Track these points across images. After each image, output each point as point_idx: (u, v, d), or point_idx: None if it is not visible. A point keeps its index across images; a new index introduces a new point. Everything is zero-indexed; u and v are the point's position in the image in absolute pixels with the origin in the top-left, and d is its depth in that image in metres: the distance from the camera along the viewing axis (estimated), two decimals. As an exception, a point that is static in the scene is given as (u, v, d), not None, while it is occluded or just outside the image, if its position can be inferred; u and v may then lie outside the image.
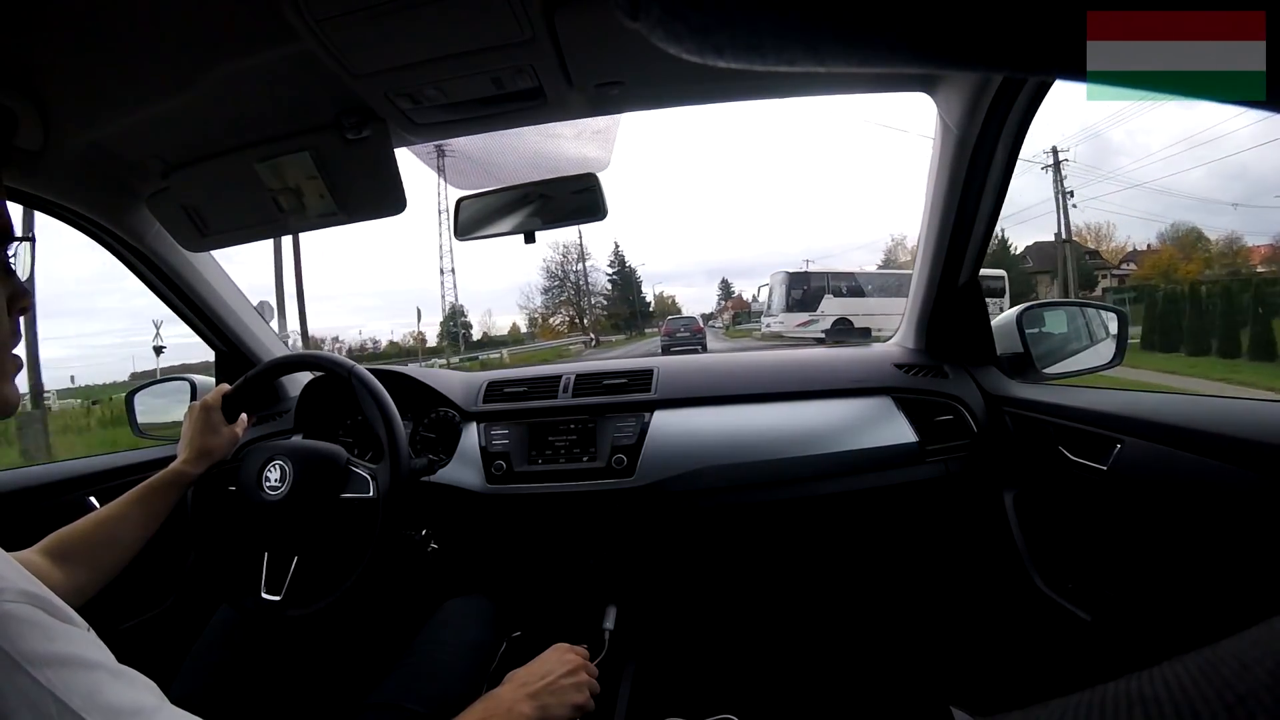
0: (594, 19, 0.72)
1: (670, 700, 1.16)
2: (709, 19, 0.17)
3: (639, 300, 43.92)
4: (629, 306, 42.69)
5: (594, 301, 42.49)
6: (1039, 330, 1.21)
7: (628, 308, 42.64)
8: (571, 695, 0.72)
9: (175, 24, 0.68)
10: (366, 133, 0.90)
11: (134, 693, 0.40)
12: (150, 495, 0.79)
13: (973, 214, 1.05)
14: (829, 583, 1.28)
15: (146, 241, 1.11)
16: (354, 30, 0.70)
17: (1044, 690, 0.19)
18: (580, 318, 40.82)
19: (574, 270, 41.28)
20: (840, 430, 1.10)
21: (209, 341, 1.34)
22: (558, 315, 42.15)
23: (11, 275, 0.51)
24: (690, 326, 19.64)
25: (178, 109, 0.83)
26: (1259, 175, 31.73)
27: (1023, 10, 0.15)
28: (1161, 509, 0.77)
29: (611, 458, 1.11)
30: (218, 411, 0.90)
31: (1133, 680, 0.16)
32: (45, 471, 1.09)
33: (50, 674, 0.36)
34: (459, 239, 1.15)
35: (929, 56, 0.16)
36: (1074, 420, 0.92)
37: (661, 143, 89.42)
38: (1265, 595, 0.63)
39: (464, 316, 41.95)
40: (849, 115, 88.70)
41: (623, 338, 38.28)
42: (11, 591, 0.39)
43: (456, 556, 1.13)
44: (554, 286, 41.67)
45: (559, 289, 41.83)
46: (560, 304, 42.07)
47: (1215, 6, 0.15)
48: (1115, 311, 1.17)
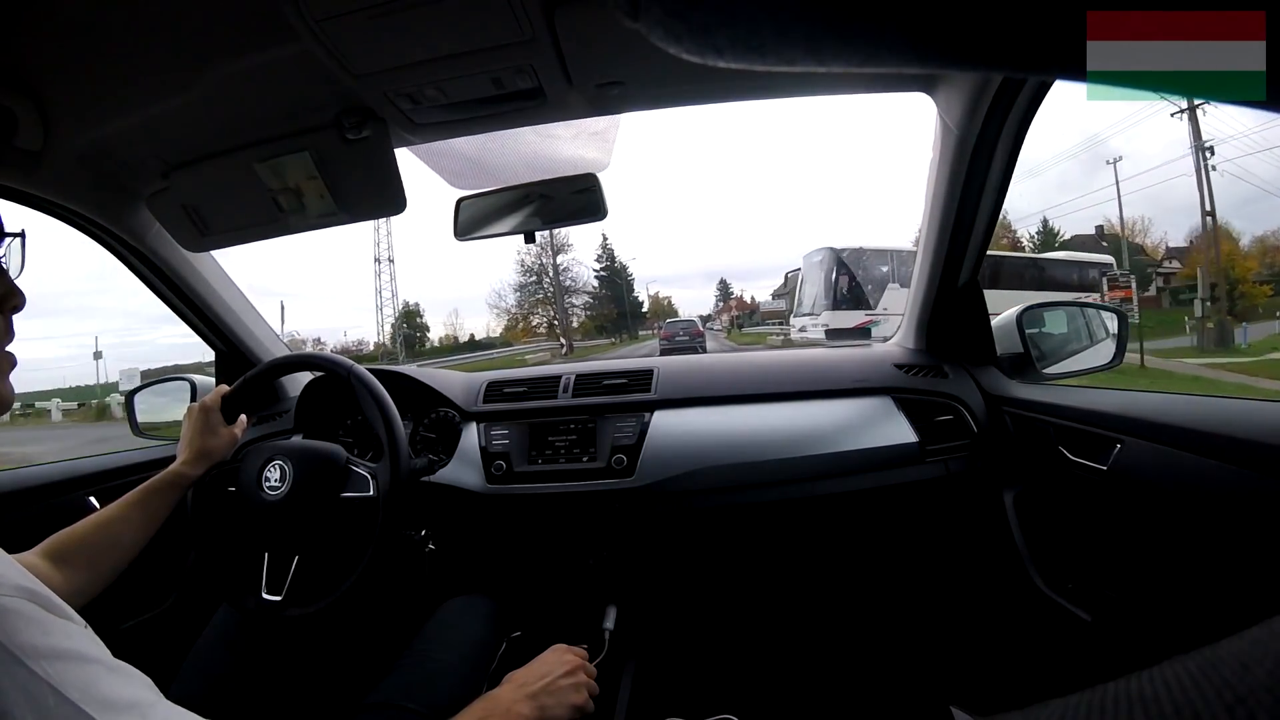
0: (594, 19, 0.72)
1: (670, 700, 1.16)
2: (709, 19, 0.17)
3: (629, 300, 40.01)
4: (617, 307, 38.91)
5: (581, 301, 38.32)
6: (1039, 330, 1.21)
7: (615, 308, 38.72)
8: (570, 696, 0.72)
9: (175, 24, 0.68)
10: (366, 133, 0.90)
11: (131, 687, 0.40)
12: (150, 497, 0.80)
13: (973, 214, 1.05)
14: (829, 583, 1.28)
15: (146, 241, 1.11)
16: (354, 30, 0.70)
17: (1044, 690, 0.19)
18: (556, 319, 36.50)
19: (551, 264, 36.33)
20: (840, 430, 1.10)
21: (209, 341, 1.34)
22: (537, 315, 37.51)
23: (4, 274, 0.51)
24: (689, 330, 19.28)
25: (178, 109, 0.83)
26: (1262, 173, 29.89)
27: (1023, 10, 0.15)
28: (1161, 509, 0.77)
29: (611, 458, 1.11)
30: (216, 413, 0.90)
31: (1133, 680, 0.16)
32: (45, 472, 1.09)
33: (47, 666, 0.36)
34: (459, 239, 1.15)
35: (929, 56, 0.16)
36: (1074, 420, 0.92)
37: (658, 143, 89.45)
38: (1265, 595, 0.63)
39: (420, 317, 38.84)
40: (848, 115, 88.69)
41: (608, 342, 34.94)
42: (8, 586, 0.39)
43: (457, 557, 1.13)
44: (530, 283, 37.04)
45: (535, 285, 37.16)
46: (537, 303, 37.60)
47: (1215, 6, 0.15)
48: (1115, 311, 1.17)
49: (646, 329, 37.99)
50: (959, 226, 1.07)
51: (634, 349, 25.90)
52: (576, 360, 3.85)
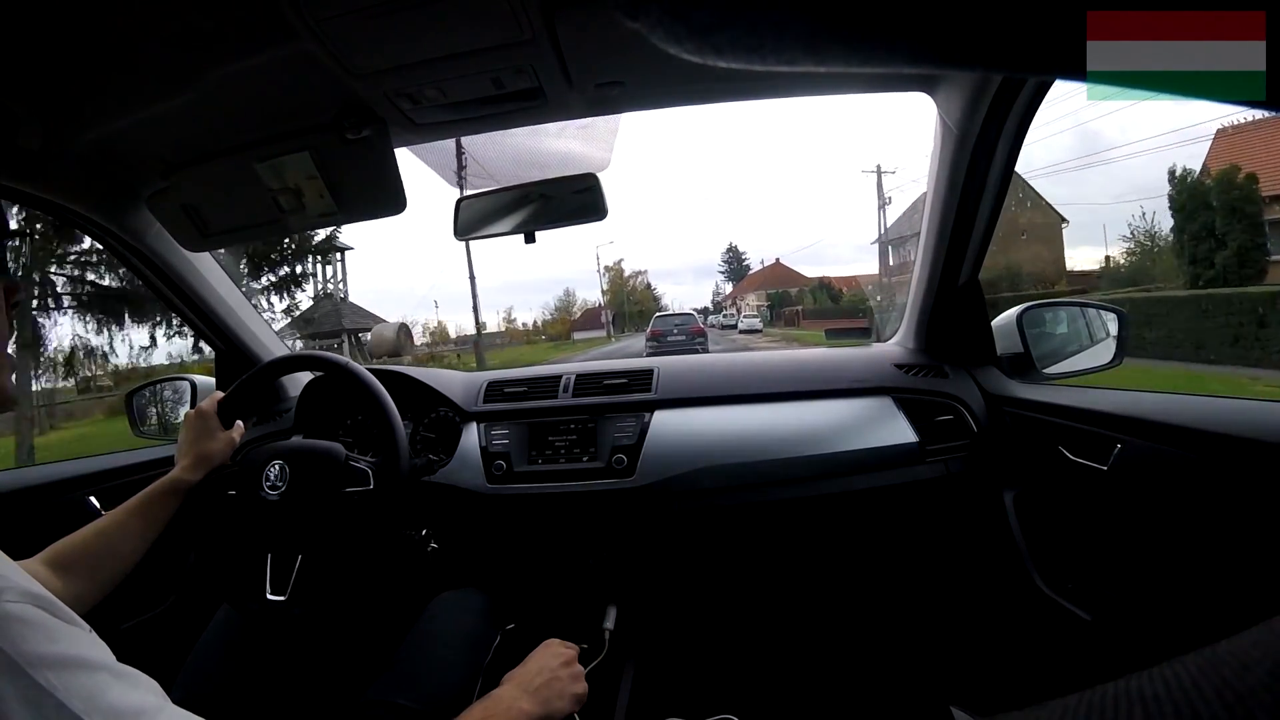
0: (594, 19, 0.72)
1: (670, 700, 1.16)
2: (709, 19, 0.17)
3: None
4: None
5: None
6: (1039, 330, 1.21)
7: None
8: (571, 686, 0.72)
9: (175, 24, 0.68)
10: (366, 132, 0.90)
11: (136, 694, 0.40)
12: (149, 505, 0.79)
13: (973, 214, 1.05)
14: (829, 582, 1.28)
15: (146, 241, 1.11)
16: (354, 30, 0.70)
17: (1044, 690, 0.19)
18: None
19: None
20: (840, 430, 1.10)
21: (209, 341, 1.34)
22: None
23: (5, 271, 0.52)
24: (686, 327, 15.30)
25: (178, 109, 0.83)
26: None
27: (1023, 10, 0.15)
28: (1162, 509, 0.77)
29: (611, 458, 1.11)
30: (214, 417, 0.90)
31: (1133, 680, 0.16)
32: (45, 472, 1.09)
33: (51, 675, 0.36)
34: (459, 239, 1.15)
35: (929, 56, 0.16)
36: (1074, 420, 0.92)
37: (654, 142, 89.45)
38: (1265, 595, 0.63)
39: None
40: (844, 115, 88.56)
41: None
42: (13, 591, 0.39)
43: (457, 556, 1.13)
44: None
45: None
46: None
47: (1215, 6, 0.15)
48: (1115, 311, 1.17)
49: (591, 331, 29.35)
50: (959, 226, 1.07)
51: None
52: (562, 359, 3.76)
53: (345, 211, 1.02)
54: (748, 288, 34.24)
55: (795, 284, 33.83)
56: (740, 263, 39.68)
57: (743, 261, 39.33)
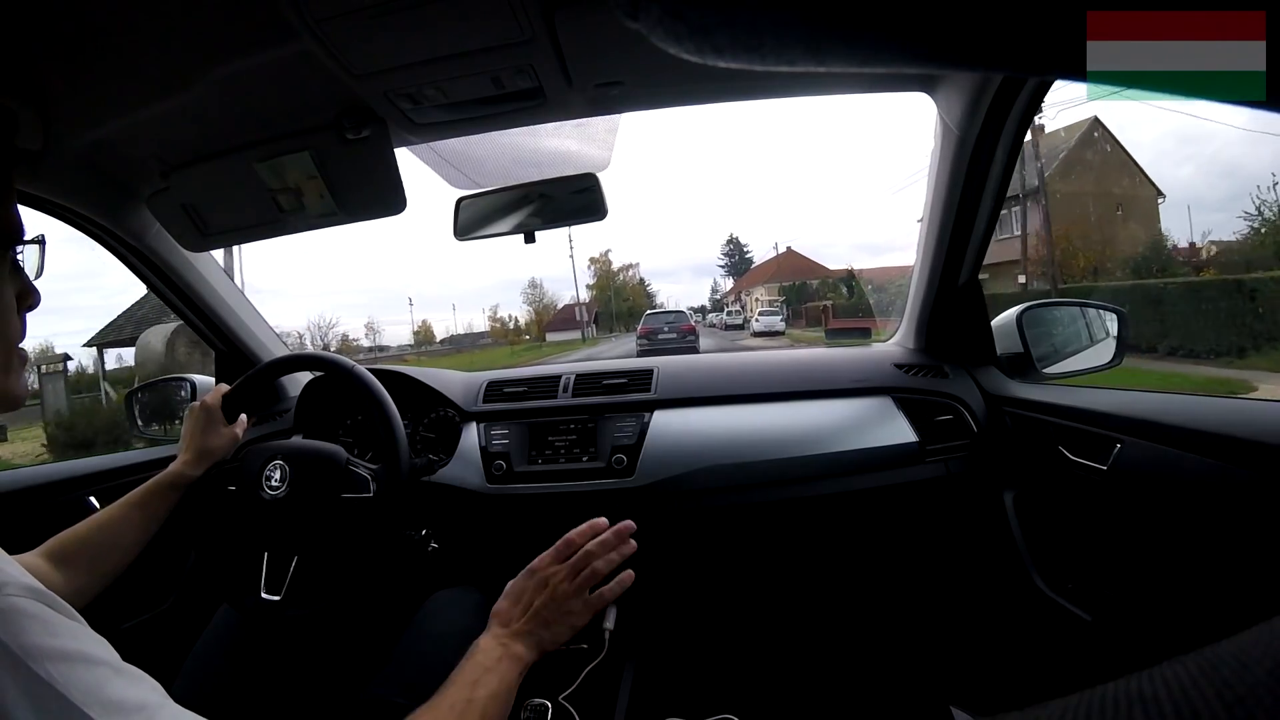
0: (594, 19, 0.72)
1: (670, 700, 1.16)
2: (709, 19, 0.17)
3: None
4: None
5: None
6: (1039, 330, 1.21)
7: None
8: (564, 617, 0.68)
9: (175, 24, 0.68)
10: (366, 133, 0.90)
11: (137, 689, 0.40)
12: (149, 498, 0.80)
13: (973, 214, 1.05)
14: (829, 582, 1.28)
15: (146, 241, 1.11)
16: (354, 30, 0.70)
17: (1044, 690, 0.19)
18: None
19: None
20: (840, 430, 1.10)
21: (209, 341, 1.34)
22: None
23: (20, 273, 0.52)
24: (677, 325, 15.64)
25: (178, 109, 0.83)
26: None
27: (1023, 10, 0.15)
28: (1161, 509, 0.77)
29: (611, 458, 1.11)
30: (217, 412, 0.90)
31: (1133, 680, 0.16)
32: (45, 471, 1.09)
33: (52, 669, 0.36)
34: (459, 239, 1.15)
35: (929, 56, 0.16)
36: (1074, 420, 0.92)
37: (652, 142, 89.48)
38: (1265, 595, 0.63)
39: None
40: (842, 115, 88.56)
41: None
42: (15, 586, 0.39)
43: (457, 556, 1.13)
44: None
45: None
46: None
47: (1215, 6, 0.15)
48: (1115, 311, 1.17)
49: (560, 332, 25.04)
50: (959, 226, 1.07)
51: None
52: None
53: (345, 212, 1.02)
54: (756, 279, 29.51)
55: (814, 275, 28.17)
56: (742, 255, 35.82)
57: (745, 254, 35.64)
